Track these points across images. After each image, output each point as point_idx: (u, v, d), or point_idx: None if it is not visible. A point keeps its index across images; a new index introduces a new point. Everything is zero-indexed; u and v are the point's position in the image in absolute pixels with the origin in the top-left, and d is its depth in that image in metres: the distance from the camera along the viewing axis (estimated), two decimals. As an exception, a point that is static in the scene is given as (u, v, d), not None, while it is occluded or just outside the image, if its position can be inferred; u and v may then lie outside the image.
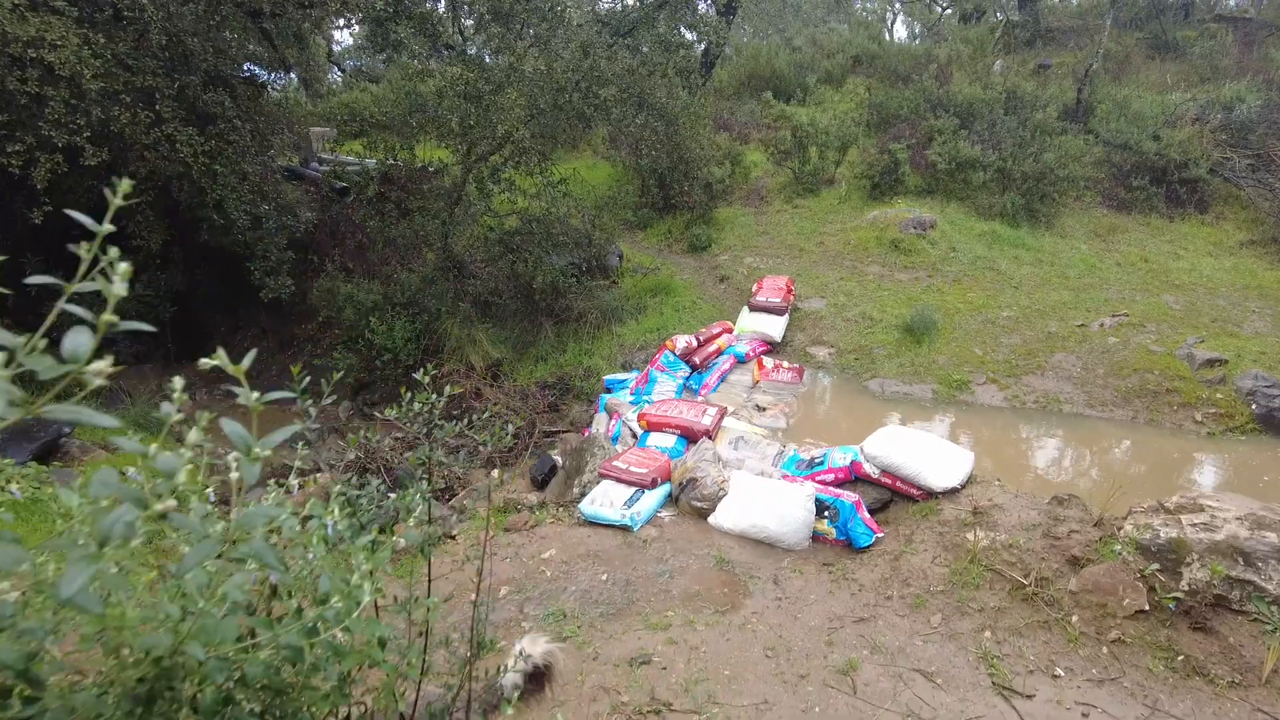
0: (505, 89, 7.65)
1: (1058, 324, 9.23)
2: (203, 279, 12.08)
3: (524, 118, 7.87)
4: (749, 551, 5.36)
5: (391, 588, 4.92)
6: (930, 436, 5.75)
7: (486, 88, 7.61)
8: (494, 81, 7.70)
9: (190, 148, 9.09)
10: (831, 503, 5.38)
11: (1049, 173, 11.92)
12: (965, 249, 11.19)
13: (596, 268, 10.63)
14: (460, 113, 7.71)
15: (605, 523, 5.58)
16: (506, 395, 8.61)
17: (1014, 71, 17.36)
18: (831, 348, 9.29)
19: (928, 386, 8.26)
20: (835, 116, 13.79)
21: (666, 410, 6.80)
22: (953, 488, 5.32)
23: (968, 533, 4.84)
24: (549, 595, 4.89)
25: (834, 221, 12.41)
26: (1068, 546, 4.46)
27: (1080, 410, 7.71)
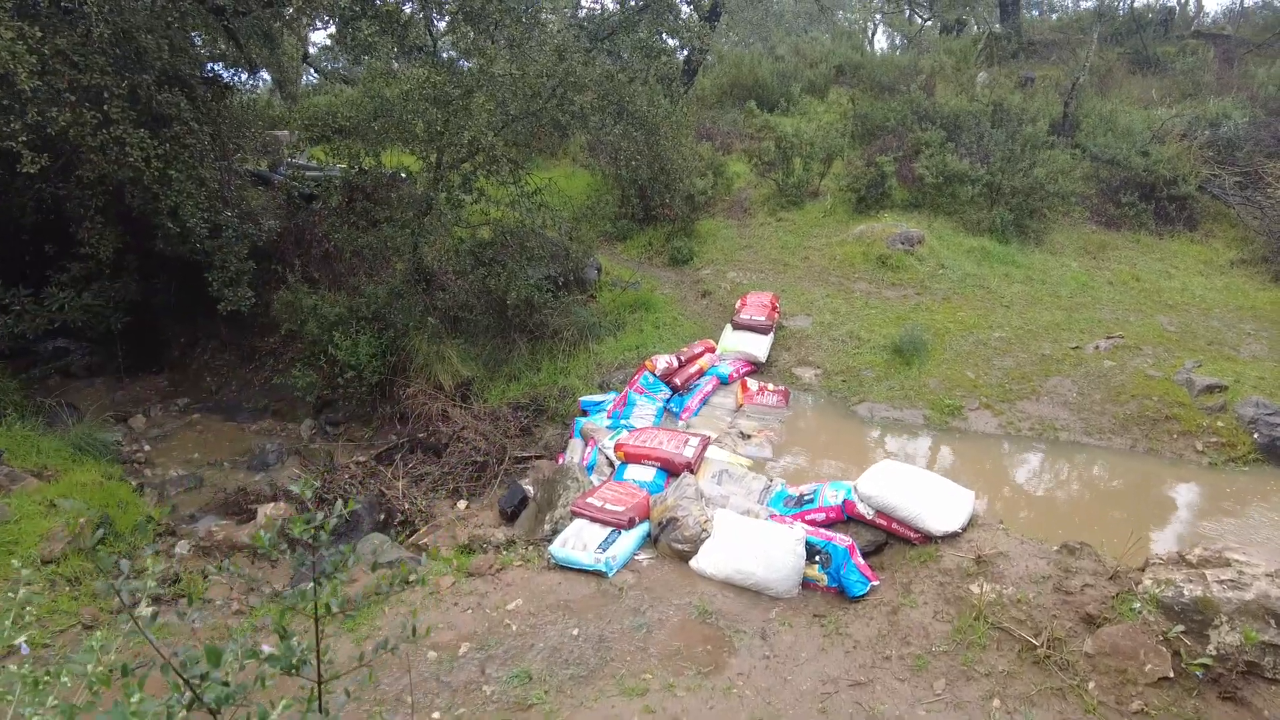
0: (474, 93, 7.20)
1: (1051, 345, 8.92)
2: (159, 288, 11.48)
3: (493, 124, 7.41)
4: (734, 600, 4.93)
5: (341, 643, 4.45)
6: (929, 475, 5.36)
7: (455, 92, 7.15)
8: (463, 85, 7.25)
9: (141, 151, 8.52)
10: (823, 547, 4.97)
11: (1039, 188, 11.65)
12: (954, 266, 10.88)
13: (574, 281, 10.18)
14: (426, 118, 7.25)
15: (577, 567, 5.13)
16: (476, 417, 8.13)
17: (998, 84, 17.19)
18: (818, 369, 8.91)
19: (919, 411, 7.90)
20: (820, 127, 13.48)
21: (646, 440, 6.36)
22: (953, 531, 4.93)
23: (971, 584, 4.45)
24: (514, 653, 4.44)
25: (819, 235, 12.07)
26: (1081, 603, 4.08)
27: (1078, 438, 7.38)
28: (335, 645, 4.55)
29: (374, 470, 7.67)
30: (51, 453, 7.66)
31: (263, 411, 10.63)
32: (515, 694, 4.10)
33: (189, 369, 11.85)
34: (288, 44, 18.94)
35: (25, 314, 9.46)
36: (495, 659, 4.40)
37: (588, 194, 13.22)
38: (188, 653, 1.78)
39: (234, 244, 9.68)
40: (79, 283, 9.83)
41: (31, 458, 7.40)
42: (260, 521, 6.85)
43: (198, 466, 9.10)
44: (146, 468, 9.10)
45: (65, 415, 9.21)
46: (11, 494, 6.60)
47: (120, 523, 6.60)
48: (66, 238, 9.76)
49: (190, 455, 9.48)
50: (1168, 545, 5.55)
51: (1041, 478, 6.81)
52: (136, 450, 9.51)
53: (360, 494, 6.98)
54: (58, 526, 5.94)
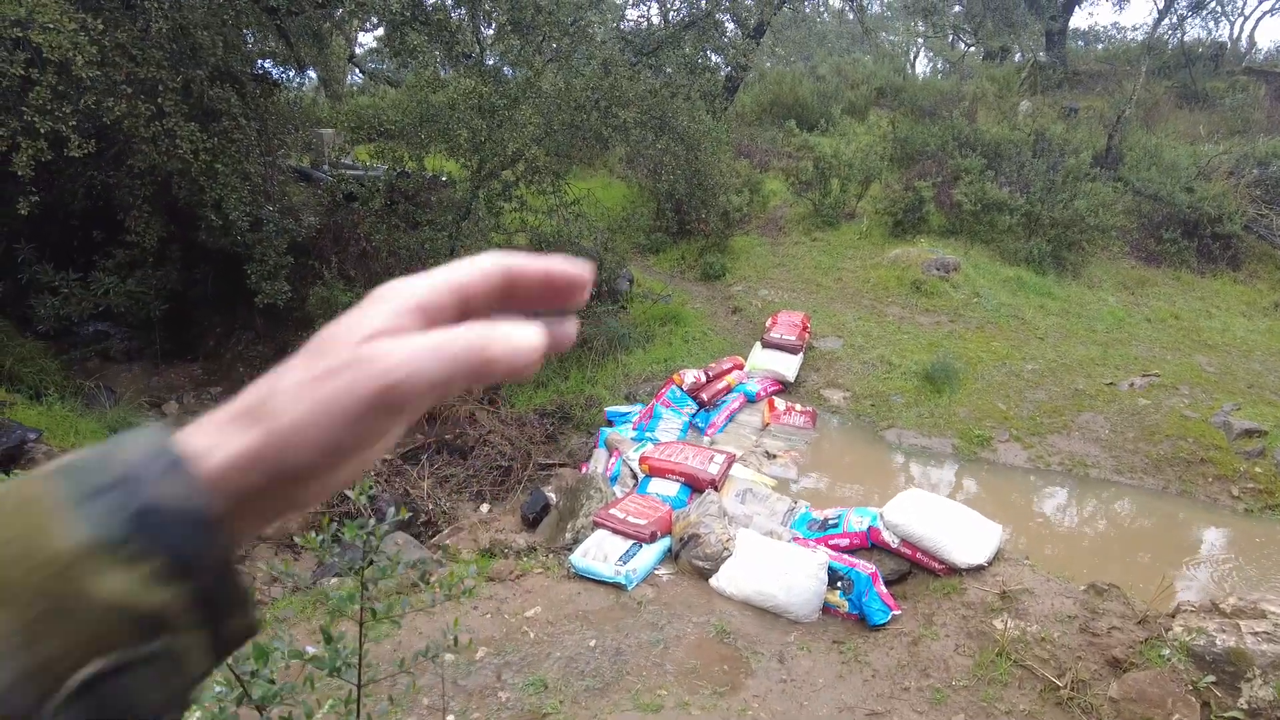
0: (520, 104, 7.28)
1: (1085, 380, 8.79)
2: (199, 278, 11.72)
3: (537, 135, 7.49)
4: (753, 621, 4.91)
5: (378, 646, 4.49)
6: (955, 506, 5.30)
7: (501, 102, 7.24)
8: (508, 96, 7.34)
9: (191, 144, 8.74)
10: (846, 573, 4.94)
11: (1079, 220, 11.51)
12: (989, 294, 10.78)
13: (606, 292, 10.23)
14: (471, 127, 7.34)
15: (597, 578, 5.13)
16: (503, 422, 8.18)
17: (1041, 113, 17.05)
18: (847, 392, 8.86)
19: (947, 440, 7.82)
20: (859, 149, 13.43)
21: (671, 454, 6.36)
22: (978, 565, 4.87)
23: (995, 619, 4.39)
24: (530, 661, 4.45)
25: (853, 257, 12.02)
26: (1108, 645, 4.01)
27: (1108, 476, 7.26)
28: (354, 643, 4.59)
29: (400, 469, 7.74)
30: (89, 434, 7.84)
31: (293, 405, 10.77)
32: (530, 702, 4.11)
33: (223, 359, 12.06)
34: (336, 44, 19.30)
35: (72, 297, 9.72)
36: (512, 665, 4.41)
37: (623, 205, 13.29)
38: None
39: (274, 238, 9.86)
40: (123, 269, 10.07)
41: (70, 438, 7.58)
42: (286, 513, 6.96)
43: (228, 455, 9.24)
44: (178, 454, 9.25)
45: (103, 398, 9.44)
46: (50, 472, 6.77)
47: (152, 506, 6.73)
48: (114, 225, 10.01)
49: (221, 444, 9.61)
50: (1198, 592, 5.43)
51: (1070, 515, 6.71)
52: (170, 436, 9.68)
53: (385, 491, 7.04)
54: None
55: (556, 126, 7.64)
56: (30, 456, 6.86)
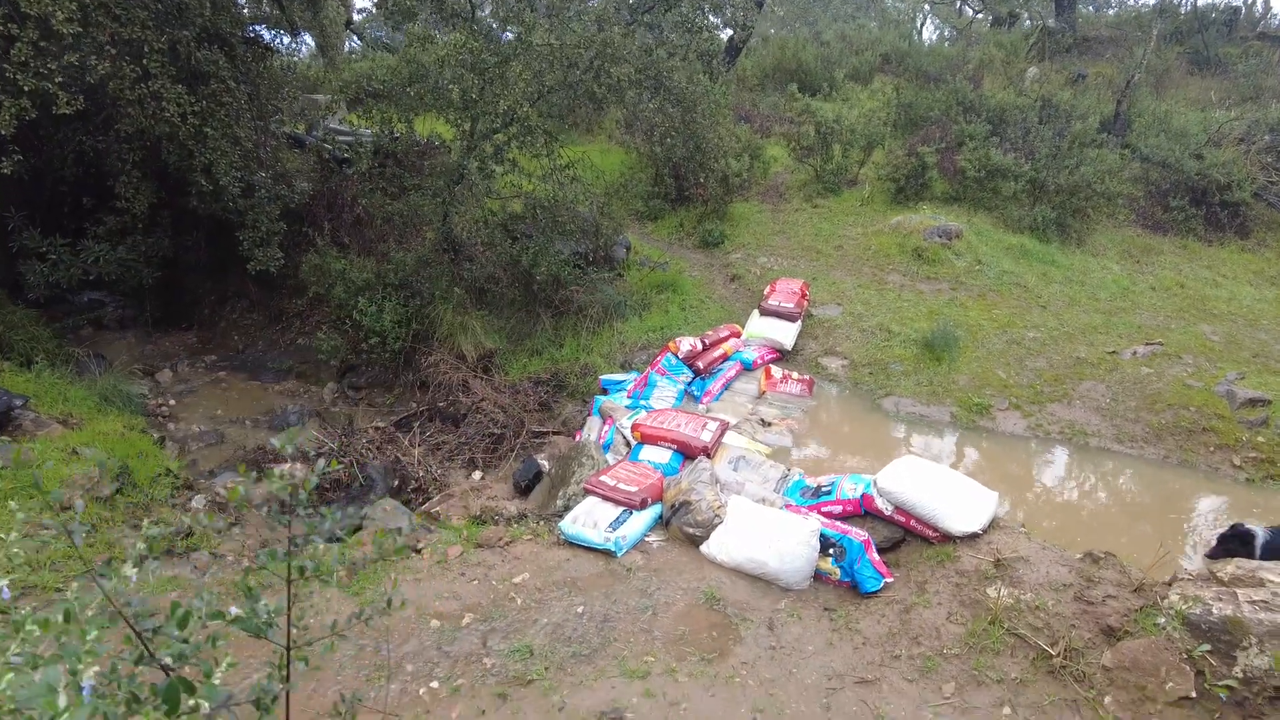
0: (511, 62, 7.08)
1: (1087, 349, 8.66)
2: (191, 245, 11.59)
3: (529, 94, 7.29)
4: (743, 588, 4.85)
5: (346, 606, 4.43)
6: (951, 473, 5.21)
7: (492, 59, 7.04)
8: (500, 54, 7.13)
9: (178, 107, 8.56)
10: (838, 540, 4.86)
11: (1085, 187, 11.30)
12: (992, 262, 10.61)
13: (602, 258, 10.08)
14: (462, 84, 7.15)
15: (586, 545, 5.07)
16: (496, 389, 8.10)
17: (1048, 80, 16.71)
18: (845, 360, 8.74)
19: (946, 409, 7.72)
20: (862, 114, 13.17)
21: (663, 421, 6.27)
22: (973, 532, 4.80)
23: (989, 588, 4.31)
24: (517, 627, 4.40)
25: (855, 224, 11.83)
26: (1102, 614, 3.93)
27: (1107, 445, 7.16)
28: (341, 608, 4.54)
29: (392, 436, 7.67)
30: (78, 401, 7.76)
31: (287, 372, 10.71)
32: (515, 668, 4.06)
33: (218, 326, 11.97)
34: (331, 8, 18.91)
35: (61, 264, 9.60)
36: (498, 631, 4.36)
37: (621, 171, 13.08)
38: (140, 606, 1.72)
39: (266, 204, 9.72)
40: (114, 236, 9.93)
41: (58, 405, 7.50)
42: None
43: (220, 423, 9.19)
44: (170, 422, 9.20)
45: (93, 366, 9.36)
46: (37, 439, 6.70)
47: (139, 473, 6.66)
48: (105, 191, 9.86)
49: (214, 412, 9.56)
50: (1197, 561, 5.35)
51: (1068, 483, 6.62)
52: (161, 404, 9.63)
53: (376, 459, 6.98)
54: (78, 474, 6.00)
55: (549, 84, 7.43)
56: (18, 423, 6.79)
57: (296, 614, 2.15)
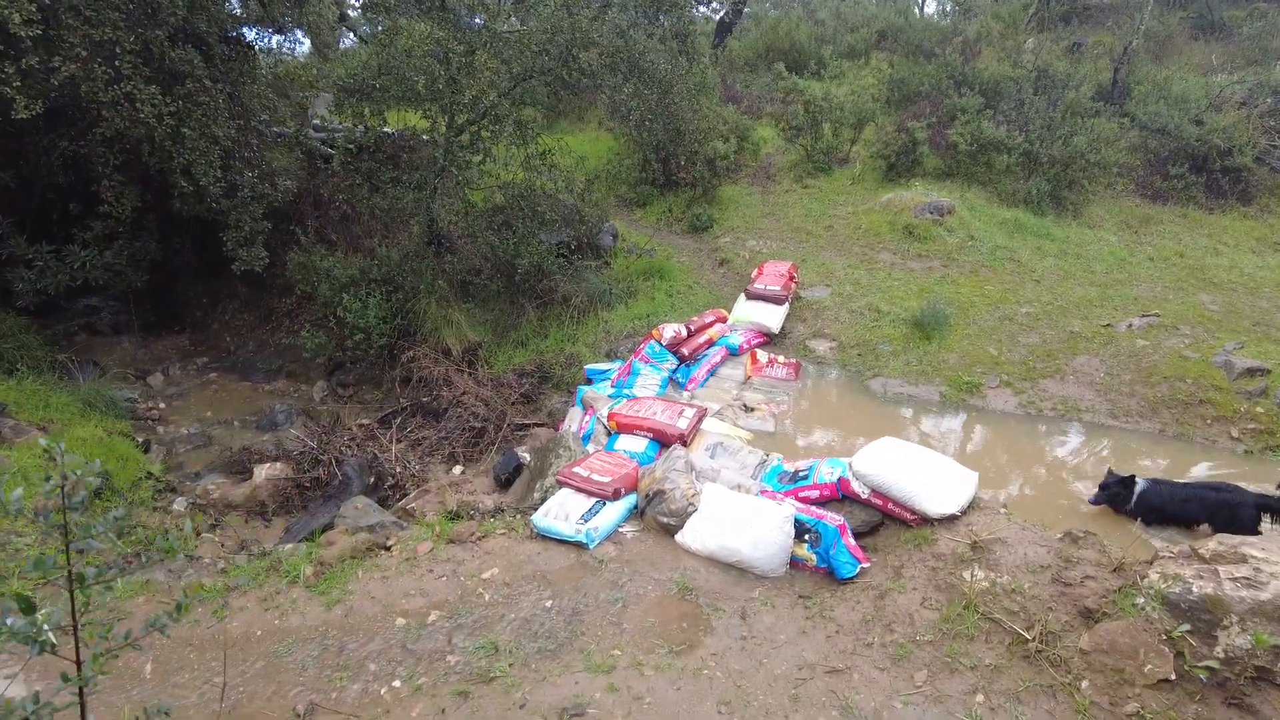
0: (477, 51, 6.93)
1: (1081, 323, 8.48)
2: (180, 248, 11.56)
3: (497, 83, 7.14)
4: (718, 577, 4.75)
5: (311, 608, 4.36)
6: (929, 454, 5.08)
7: (459, 49, 6.91)
8: (466, 42, 6.99)
9: (153, 108, 8.48)
10: (813, 525, 4.75)
11: (1079, 157, 11.05)
12: (985, 237, 10.41)
13: (587, 247, 9.95)
14: (428, 74, 7.02)
15: (558, 538, 4.98)
16: (478, 382, 8.01)
17: (1046, 50, 16.37)
18: (833, 342, 8.60)
19: (935, 388, 7.57)
20: (852, 90, 12.93)
21: (639, 410, 6.16)
22: (951, 514, 4.67)
23: (964, 571, 4.19)
24: (483, 624, 4.31)
25: (845, 204, 11.64)
26: (1080, 595, 3.80)
27: (1102, 420, 6.99)
28: (304, 610, 4.48)
29: (374, 433, 7.60)
30: (60, 407, 7.73)
31: (277, 372, 10.68)
32: (479, 665, 3.98)
33: (210, 328, 11.94)
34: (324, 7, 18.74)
35: (47, 270, 9.56)
36: (464, 628, 4.28)
37: (609, 159, 12.92)
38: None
39: (249, 204, 9.64)
40: (101, 241, 9.89)
41: (39, 412, 7.47)
42: (257, 481, 6.86)
43: (209, 425, 9.16)
44: (160, 425, 9.18)
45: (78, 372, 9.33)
46: (17, 445, 6.67)
47: (119, 478, 6.63)
48: (92, 197, 9.81)
49: (204, 413, 9.54)
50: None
51: (1057, 461, 6.46)
52: (151, 407, 9.61)
53: (356, 456, 6.91)
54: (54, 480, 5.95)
55: (516, 71, 7.28)
56: (-3, 431, 6.77)
57: (91, 622, 2.03)
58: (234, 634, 4.32)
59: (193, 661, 4.11)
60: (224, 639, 4.26)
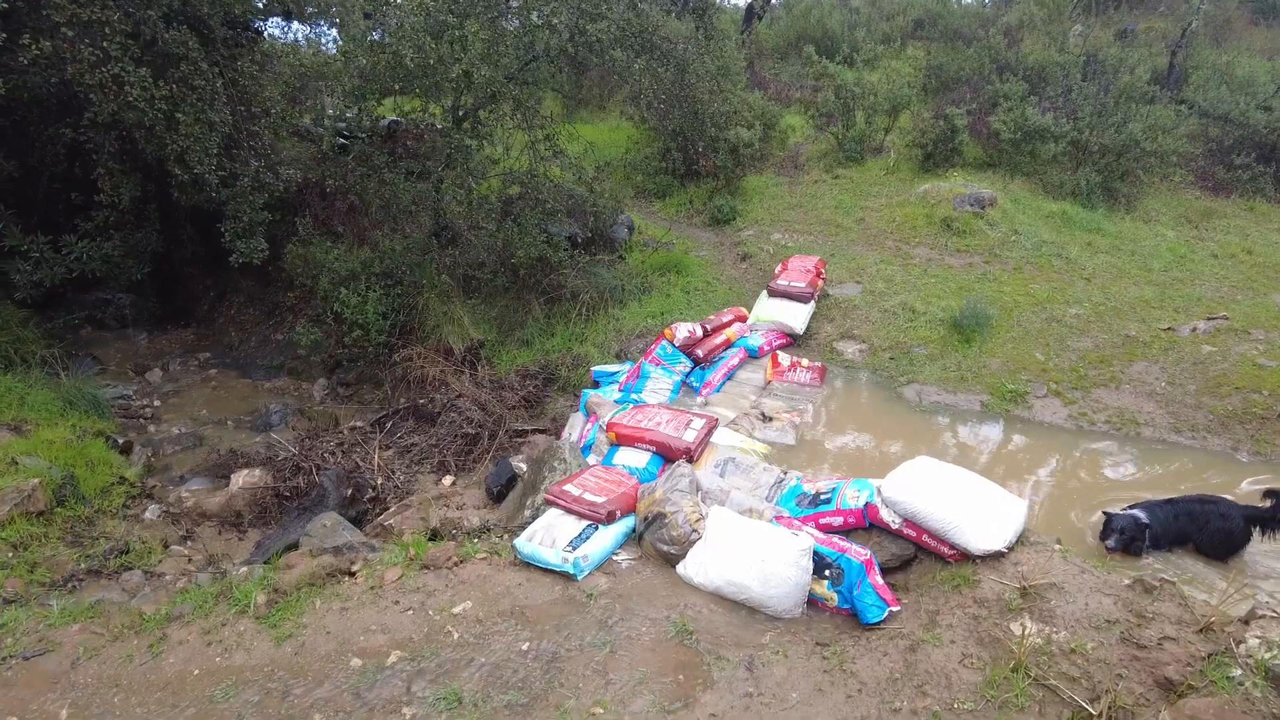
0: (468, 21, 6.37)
1: (1138, 326, 7.70)
2: (184, 240, 11.20)
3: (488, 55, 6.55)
4: (723, 617, 4.13)
5: (259, 641, 3.82)
6: (972, 477, 4.40)
7: (450, 20, 6.34)
8: (458, 11, 6.42)
9: (143, 91, 8.04)
10: (835, 560, 4.11)
11: (1134, 146, 10.20)
12: (1029, 232, 9.63)
13: (600, 240, 9.35)
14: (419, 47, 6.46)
15: (543, 566, 4.39)
16: (477, 384, 7.46)
17: (1094, 37, 15.43)
18: (863, 344, 7.91)
19: (975, 396, 6.86)
20: (887, 74, 12.17)
21: (642, 420, 5.55)
22: (997, 550, 4.00)
23: (1013, 622, 3.53)
24: (448, 669, 3.74)
25: (878, 195, 10.91)
26: (1158, 661, 3.13)
27: (1164, 435, 6.24)
28: (251, 646, 3.95)
29: (365, 437, 7.09)
30: (38, 406, 7.32)
31: (278, 370, 10.26)
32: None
33: (216, 323, 11.57)
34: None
35: (44, 261, 9.20)
36: (426, 673, 3.72)
37: (627, 147, 12.32)
38: None
39: (249, 194, 9.21)
40: (101, 232, 9.52)
41: (12, 410, 7.07)
42: (233, 489, 6.37)
43: (203, 424, 8.74)
44: (151, 423, 8.77)
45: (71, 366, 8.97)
46: (-16, 446, 6.26)
47: (88, 484, 6.18)
48: (92, 186, 9.46)
49: (199, 412, 9.13)
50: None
51: (1116, 484, 5.72)
52: (145, 405, 9.22)
53: (340, 464, 6.39)
54: (9, 487, 5.52)
55: (509, 43, 6.71)
56: (-40, 431, 6.37)
57: None
58: (168, 673, 3.80)
59: (116, 707, 3.60)
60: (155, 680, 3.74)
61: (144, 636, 4.03)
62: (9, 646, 4.02)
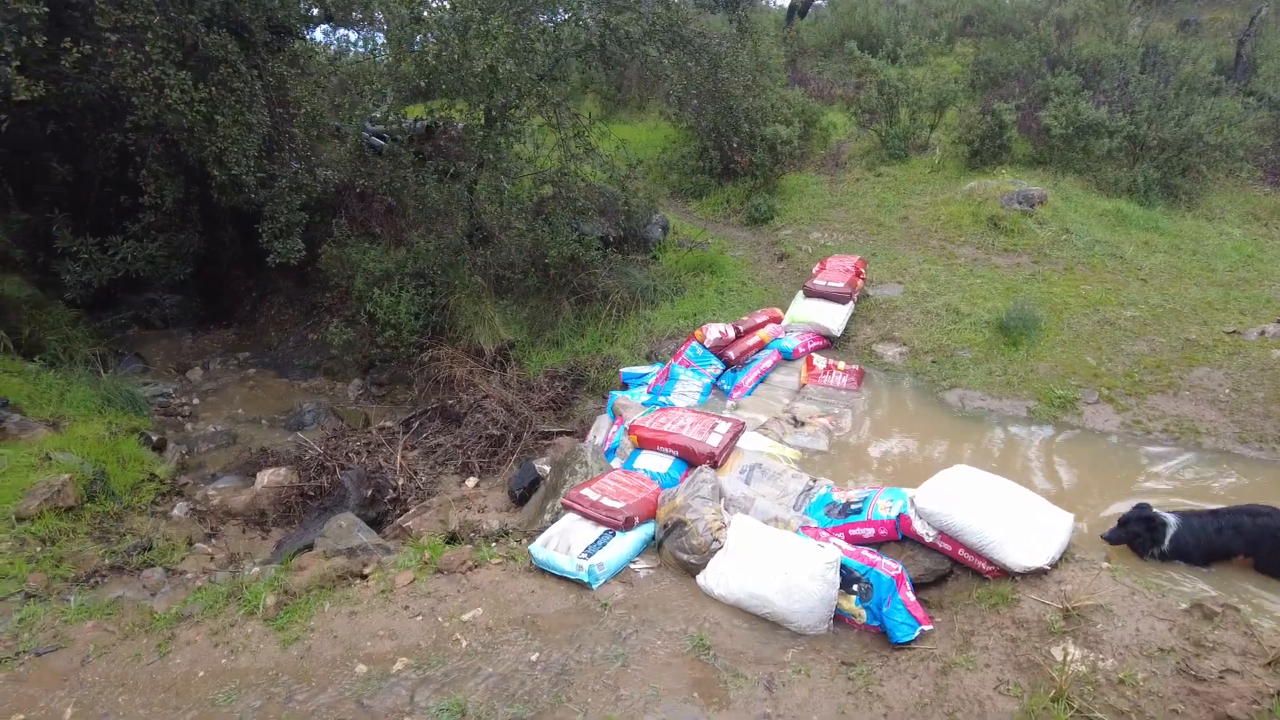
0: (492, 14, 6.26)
1: (1199, 329, 7.26)
2: (227, 241, 11.38)
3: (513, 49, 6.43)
4: (743, 631, 3.92)
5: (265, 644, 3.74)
6: (1013, 488, 4.12)
7: (474, 14, 6.25)
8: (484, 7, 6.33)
9: (181, 93, 8.17)
10: (864, 574, 3.87)
11: (1196, 139, 9.66)
12: (1081, 231, 9.19)
13: (633, 240, 9.19)
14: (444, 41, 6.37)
15: (557, 573, 4.24)
16: (505, 385, 7.36)
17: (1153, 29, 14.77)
18: (904, 346, 7.61)
19: (1022, 402, 6.52)
20: (933, 70, 11.79)
21: (665, 422, 5.36)
22: (1039, 567, 3.72)
23: (1054, 647, 3.25)
24: (454, 678, 3.61)
25: (923, 193, 10.55)
26: (1219, 698, 2.83)
27: (1227, 446, 5.82)
28: (257, 648, 3.87)
29: (392, 438, 7.04)
30: (76, 402, 7.44)
31: (315, 369, 10.34)
32: (441, 735, 3.28)
33: (257, 323, 11.74)
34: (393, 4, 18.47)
35: (92, 263, 9.42)
36: (431, 682, 3.59)
37: (664, 146, 12.14)
38: None
39: (286, 195, 9.30)
40: (146, 233, 9.72)
41: (52, 407, 7.18)
42: (258, 488, 6.37)
43: (239, 423, 8.82)
44: (189, 421, 8.89)
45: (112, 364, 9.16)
46: (19, 442, 6.35)
47: (118, 480, 6.23)
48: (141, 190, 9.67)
49: (235, 410, 9.23)
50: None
51: (1172, 498, 5.33)
52: (184, 403, 9.35)
53: (365, 463, 6.34)
54: (39, 482, 5.57)
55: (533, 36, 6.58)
56: (1, 426, 6.47)
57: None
58: (174, 674, 3.74)
59: (120, 708, 3.55)
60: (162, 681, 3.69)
61: (153, 636, 3.99)
62: (24, 642, 4.02)
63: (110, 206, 10.62)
